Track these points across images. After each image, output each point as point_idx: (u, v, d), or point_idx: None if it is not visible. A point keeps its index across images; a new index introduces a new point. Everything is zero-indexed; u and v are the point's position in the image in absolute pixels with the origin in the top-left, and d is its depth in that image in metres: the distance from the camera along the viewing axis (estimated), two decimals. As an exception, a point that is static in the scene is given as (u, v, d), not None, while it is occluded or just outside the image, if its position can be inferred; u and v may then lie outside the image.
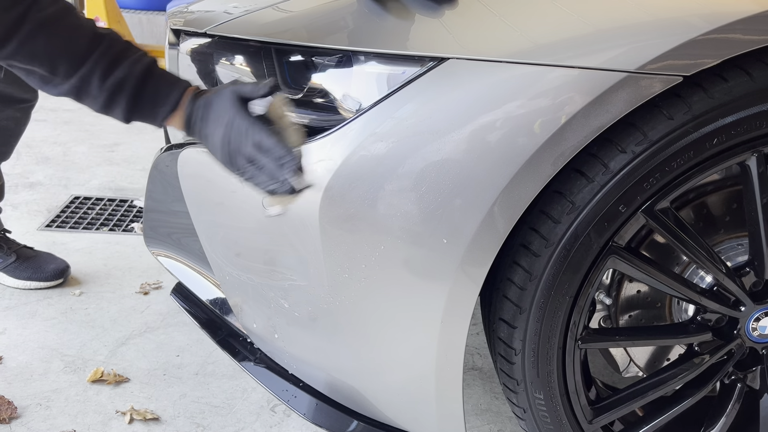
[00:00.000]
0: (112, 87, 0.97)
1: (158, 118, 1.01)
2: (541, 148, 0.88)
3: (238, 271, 1.16)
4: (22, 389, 1.60)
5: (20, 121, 1.93)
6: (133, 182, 2.81)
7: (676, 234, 1.03)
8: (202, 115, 0.98)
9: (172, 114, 1.00)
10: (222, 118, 0.96)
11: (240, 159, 0.96)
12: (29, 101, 1.90)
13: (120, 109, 0.99)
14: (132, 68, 0.98)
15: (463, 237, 0.93)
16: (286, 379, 1.23)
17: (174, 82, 1.00)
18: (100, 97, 0.97)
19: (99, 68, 0.96)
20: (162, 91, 0.99)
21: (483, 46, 0.91)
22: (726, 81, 0.92)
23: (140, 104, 0.99)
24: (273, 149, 0.93)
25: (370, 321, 1.04)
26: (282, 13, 1.08)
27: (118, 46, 0.98)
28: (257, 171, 0.95)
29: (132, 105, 0.98)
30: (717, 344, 1.14)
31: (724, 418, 1.21)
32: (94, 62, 0.96)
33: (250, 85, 0.97)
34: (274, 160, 0.93)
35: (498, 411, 1.60)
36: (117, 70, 0.97)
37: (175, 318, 1.89)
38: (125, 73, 0.97)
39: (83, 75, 0.96)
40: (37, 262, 2.01)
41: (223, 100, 0.97)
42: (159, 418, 1.54)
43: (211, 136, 0.98)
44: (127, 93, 0.97)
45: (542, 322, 1.02)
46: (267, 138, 0.93)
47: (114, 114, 1.00)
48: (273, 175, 0.94)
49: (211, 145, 0.99)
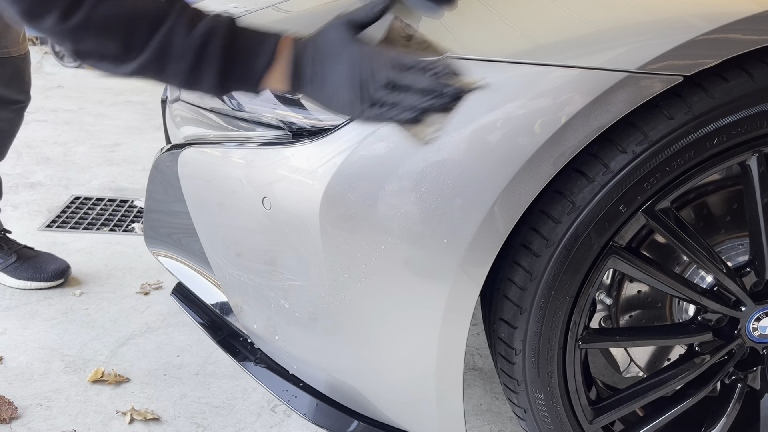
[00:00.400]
0: (200, 39, 0.84)
1: (255, 76, 0.88)
2: (542, 148, 0.88)
3: (239, 271, 1.16)
4: (22, 389, 1.61)
5: (14, 122, 1.93)
6: (133, 182, 2.81)
7: (677, 234, 1.03)
8: (313, 58, 0.86)
9: (272, 66, 0.87)
10: (340, 54, 0.84)
11: (378, 89, 0.83)
12: (22, 102, 1.91)
13: (212, 68, 0.86)
14: (217, 20, 0.86)
15: (463, 237, 0.93)
16: (286, 379, 1.23)
17: (266, 33, 0.88)
18: (188, 55, 0.84)
19: (180, 23, 0.84)
20: (255, 41, 0.87)
21: (483, 46, 0.91)
22: (726, 81, 0.92)
23: (233, 61, 0.86)
24: (418, 62, 0.82)
25: (370, 321, 1.04)
26: (282, 14, 1.08)
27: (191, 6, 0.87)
28: (404, 94, 0.82)
29: (223, 62, 0.86)
30: (717, 344, 1.14)
31: (725, 418, 1.20)
32: (174, 19, 0.84)
33: (361, 10, 0.85)
34: (424, 72, 0.81)
35: (498, 411, 1.60)
36: (199, 25, 0.85)
37: (176, 318, 1.89)
38: (211, 24, 0.85)
39: (165, 34, 0.84)
40: (38, 262, 2.01)
41: (334, 34, 0.85)
42: (159, 419, 1.54)
43: (332, 77, 0.85)
44: (217, 44, 0.85)
45: (543, 322, 1.02)
46: (403, 55, 0.82)
47: (203, 81, 0.87)
48: (427, 90, 0.81)
49: (332, 89, 0.86)
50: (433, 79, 0.81)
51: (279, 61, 0.87)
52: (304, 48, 0.86)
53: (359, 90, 0.84)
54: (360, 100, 0.84)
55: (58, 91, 4.09)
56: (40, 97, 3.83)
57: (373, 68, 0.83)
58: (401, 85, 0.82)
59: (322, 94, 0.87)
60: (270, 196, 1.02)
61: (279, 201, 1.02)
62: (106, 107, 3.82)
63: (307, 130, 1.02)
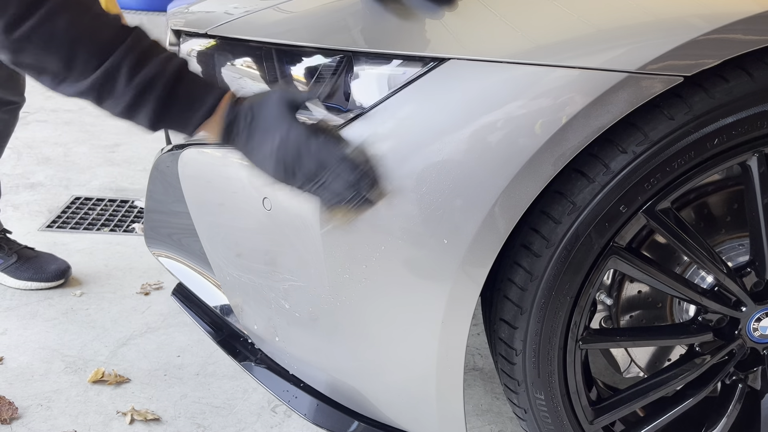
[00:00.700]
0: (141, 85, 0.85)
1: (191, 125, 0.90)
2: (542, 148, 0.88)
3: (239, 271, 1.16)
4: (22, 390, 1.61)
5: (9, 122, 1.94)
6: (134, 183, 2.81)
7: (677, 234, 1.03)
8: (247, 125, 0.88)
9: (207, 120, 0.89)
10: (272, 129, 0.87)
11: (300, 175, 0.87)
12: (16, 103, 1.92)
13: (147, 112, 0.87)
14: (164, 66, 0.86)
15: (463, 237, 0.93)
16: (286, 379, 1.23)
17: (210, 85, 0.90)
18: (126, 96, 0.85)
19: (126, 63, 0.84)
20: (197, 93, 0.88)
21: (484, 47, 0.91)
22: (727, 81, 0.92)
23: (171, 107, 0.88)
24: (342, 164, 0.86)
25: (370, 321, 1.04)
26: (283, 14, 1.08)
27: (146, 41, 0.88)
28: (320, 187, 0.87)
29: (162, 107, 0.87)
30: (718, 345, 1.14)
31: (725, 418, 1.20)
32: (120, 55, 0.84)
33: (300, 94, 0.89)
34: (344, 175, 0.86)
35: (499, 411, 1.60)
36: (146, 66, 0.85)
37: (176, 318, 1.89)
38: (156, 71, 0.85)
39: (107, 69, 0.84)
40: (38, 262, 2.01)
41: (270, 108, 0.88)
42: (160, 419, 1.54)
43: (259, 150, 0.88)
44: (157, 93, 0.86)
45: (543, 322, 1.02)
46: (333, 152, 0.85)
47: (138, 118, 0.88)
48: (342, 191, 0.87)
49: (259, 159, 0.89)
50: (350, 185, 0.86)
51: (217, 115, 0.89)
52: (239, 113, 0.89)
53: (284, 172, 0.88)
54: (284, 176, 0.89)
55: (58, 92, 4.08)
56: (40, 98, 3.83)
57: (301, 157, 0.86)
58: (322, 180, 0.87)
59: (251, 157, 0.91)
60: (270, 197, 1.02)
61: (279, 201, 1.02)
62: (106, 107, 3.81)
63: None
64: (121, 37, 0.85)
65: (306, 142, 0.86)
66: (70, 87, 0.86)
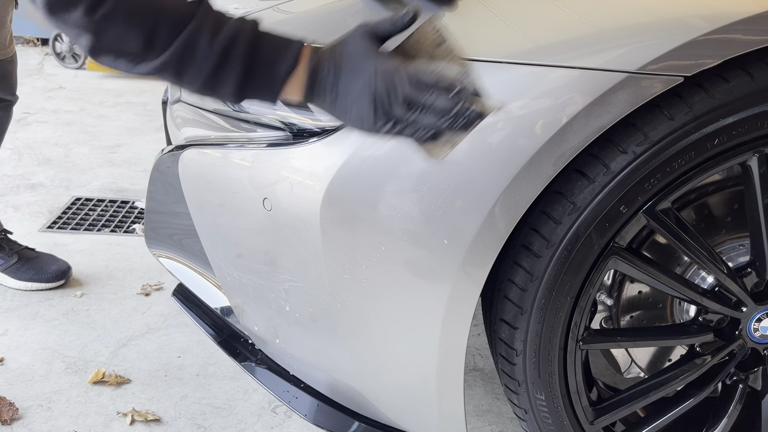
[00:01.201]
0: (224, 43, 0.82)
1: (278, 81, 0.85)
2: (542, 148, 0.88)
3: (239, 272, 1.16)
4: (23, 390, 1.61)
5: (3, 119, 1.94)
6: (134, 183, 2.81)
7: (678, 235, 1.03)
8: (331, 68, 0.83)
9: (292, 74, 0.84)
10: (359, 66, 0.82)
11: (396, 106, 0.80)
12: (9, 101, 1.92)
13: (233, 73, 0.83)
14: (242, 24, 0.84)
15: (464, 238, 0.93)
16: (287, 380, 1.23)
17: (287, 40, 0.86)
18: (210, 58, 0.82)
19: (206, 26, 0.82)
20: (278, 46, 0.84)
21: (484, 47, 0.91)
22: (727, 81, 0.92)
23: (257, 64, 0.83)
24: (438, 80, 0.79)
25: (371, 322, 1.04)
26: (283, 14, 1.08)
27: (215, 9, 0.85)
28: (421, 114, 0.80)
29: (248, 65, 0.83)
30: (718, 345, 1.14)
31: (726, 419, 1.20)
32: (199, 20, 0.82)
33: (385, 21, 0.83)
34: (443, 92, 0.79)
35: (499, 412, 1.60)
36: (225, 26, 0.83)
37: (177, 319, 1.89)
38: (236, 29, 0.83)
39: (188, 35, 0.81)
40: (39, 263, 2.01)
41: (356, 45, 0.83)
42: (160, 420, 1.54)
43: (348, 91, 0.83)
44: (240, 50, 0.82)
45: (543, 322, 1.02)
46: (426, 71, 0.80)
47: (224, 82, 0.84)
48: (445, 110, 0.79)
49: (349, 103, 0.83)
50: (453, 101, 0.79)
51: (299, 69, 0.84)
52: (323, 58, 0.84)
53: (375, 106, 0.81)
54: (375, 117, 0.82)
55: (59, 93, 4.09)
56: (41, 98, 3.84)
57: (392, 84, 0.80)
58: (419, 104, 0.80)
59: (337, 107, 0.85)
60: (271, 197, 1.02)
61: (280, 202, 1.02)
62: (107, 108, 3.82)
63: (308, 131, 1.02)
64: (194, 6, 0.83)
65: (397, 70, 0.81)
66: (148, 65, 0.83)
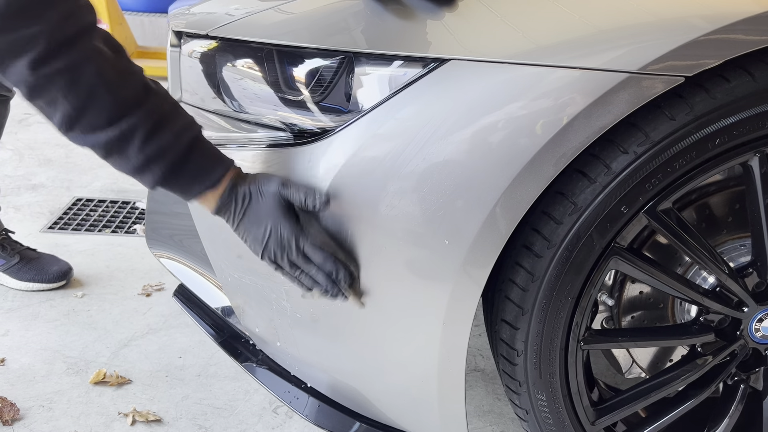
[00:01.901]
0: (153, 153, 0.86)
1: (191, 194, 0.93)
2: (543, 148, 0.88)
3: (240, 272, 1.16)
4: (24, 391, 1.61)
5: (1, 113, 1.94)
6: (135, 184, 2.78)
7: (679, 235, 1.03)
8: (241, 209, 0.93)
9: (208, 192, 0.93)
10: (265, 219, 0.92)
11: (285, 263, 0.94)
12: (5, 96, 1.92)
13: (152, 177, 0.89)
14: (179, 137, 0.88)
15: (464, 238, 0.92)
16: (288, 380, 1.23)
17: (217, 160, 0.93)
18: (135, 160, 0.86)
19: (141, 129, 0.84)
20: (204, 168, 0.91)
21: (484, 47, 0.91)
22: (728, 81, 0.92)
23: (177, 178, 0.90)
24: (324, 264, 0.92)
25: (371, 322, 1.04)
26: (284, 15, 1.08)
27: (167, 104, 0.89)
28: (302, 276, 0.95)
29: (168, 176, 0.89)
30: (720, 345, 1.14)
31: (727, 419, 1.20)
32: (137, 119, 0.84)
33: (299, 193, 0.92)
34: (325, 273, 0.93)
35: (500, 412, 1.60)
36: (163, 134, 0.86)
37: (178, 320, 1.89)
38: (170, 142, 0.87)
39: (122, 131, 0.84)
40: (40, 263, 2.02)
41: (267, 200, 0.92)
42: (161, 420, 1.54)
43: (250, 233, 0.94)
44: (166, 162, 0.87)
45: (544, 323, 1.02)
46: (314, 252, 0.92)
47: (141, 179, 0.90)
48: (319, 284, 0.94)
49: (249, 242, 0.95)
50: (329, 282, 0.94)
51: (218, 190, 0.93)
52: (237, 196, 0.93)
53: (270, 257, 0.94)
54: (263, 257, 0.95)
55: (60, 93, 4.09)
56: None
57: (287, 249, 0.93)
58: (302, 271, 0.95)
59: (238, 231, 0.96)
60: (271, 198, 1.02)
61: (280, 202, 1.02)
62: (107, 109, 3.82)
63: (309, 131, 1.02)
64: (140, 99, 0.85)
65: (294, 240, 0.93)
66: (79, 137, 0.85)
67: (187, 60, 1.18)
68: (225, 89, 1.11)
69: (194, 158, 0.90)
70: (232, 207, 0.94)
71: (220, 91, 1.12)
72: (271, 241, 0.93)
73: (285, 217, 0.93)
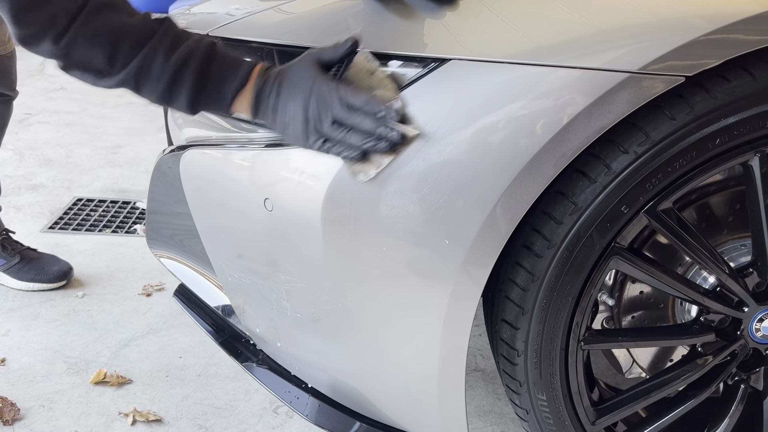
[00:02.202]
0: (178, 62, 0.91)
1: (227, 97, 0.94)
2: (543, 148, 0.88)
3: (240, 272, 1.16)
4: (25, 391, 1.61)
5: (3, 113, 1.95)
6: (135, 184, 2.81)
7: (679, 235, 1.03)
8: (275, 88, 0.92)
9: (241, 91, 0.94)
10: (299, 87, 0.91)
11: (326, 124, 0.89)
12: (8, 96, 1.93)
13: (185, 89, 0.92)
14: (197, 45, 0.93)
15: (465, 238, 0.92)
16: (288, 380, 1.23)
17: (241, 59, 0.95)
18: (164, 75, 0.91)
19: (162, 46, 0.91)
20: (229, 65, 0.94)
21: (485, 47, 0.91)
22: (728, 81, 0.92)
23: (207, 81, 0.93)
24: (366, 104, 0.88)
25: (372, 322, 1.04)
26: (284, 15, 1.08)
27: (176, 28, 0.94)
28: (348, 133, 0.89)
29: (199, 82, 0.92)
30: (720, 345, 1.14)
31: (728, 419, 1.20)
32: (156, 42, 0.91)
33: (329, 49, 0.92)
34: (369, 115, 0.88)
35: (501, 412, 1.60)
36: (181, 46, 0.92)
37: (178, 320, 1.89)
38: (190, 49, 0.92)
39: (146, 54, 0.91)
40: (41, 263, 2.02)
41: (299, 69, 0.92)
42: (162, 420, 1.54)
43: (286, 109, 0.91)
44: (193, 68, 0.91)
45: (545, 323, 1.02)
46: (356, 94, 0.88)
47: (178, 96, 0.93)
48: (369, 132, 0.88)
49: (287, 119, 0.92)
50: (377, 123, 0.88)
51: (247, 89, 0.94)
52: (269, 78, 0.93)
53: (307, 123, 0.90)
54: (307, 133, 0.91)
55: (60, 93, 4.09)
56: (42, 99, 3.84)
57: (324, 105, 0.89)
58: (347, 125, 0.89)
59: (277, 123, 0.93)
60: (272, 198, 1.02)
61: (281, 202, 1.02)
62: (108, 109, 3.82)
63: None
64: (154, 28, 0.92)
65: (330, 93, 0.89)
66: (111, 80, 0.93)
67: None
68: (225, 89, 1.11)
69: (217, 60, 0.94)
70: (266, 93, 0.93)
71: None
72: (311, 106, 0.89)
73: (321, 78, 0.91)
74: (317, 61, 0.92)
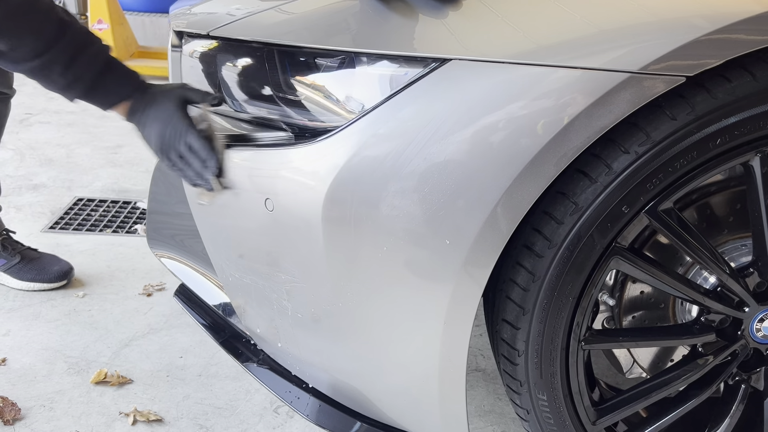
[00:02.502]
0: (73, 77, 1.07)
1: (107, 106, 1.14)
2: (544, 148, 0.88)
3: (241, 272, 1.16)
4: (25, 391, 1.61)
5: (2, 112, 1.95)
6: (136, 184, 2.81)
7: (680, 235, 1.03)
8: (144, 108, 1.11)
9: (120, 103, 1.13)
10: (162, 114, 1.09)
11: (172, 153, 1.09)
12: (6, 94, 1.93)
13: (74, 94, 1.10)
14: (92, 62, 1.09)
15: (465, 238, 0.92)
16: (289, 380, 1.23)
17: (127, 76, 1.13)
18: (59, 82, 1.08)
19: (62, 58, 1.05)
20: (116, 83, 1.12)
21: (485, 47, 0.91)
22: (729, 81, 0.92)
23: (95, 94, 1.11)
24: (199, 151, 1.07)
25: (372, 322, 1.04)
26: (285, 15, 1.08)
27: (80, 36, 1.08)
28: (185, 166, 1.09)
29: (87, 94, 1.10)
30: (721, 345, 1.14)
31: (728, 419, 1.20)
32: (58, 51, 1.05)
33: (197, 93, 1.10)
34: (200, 160, 1.07)
35: (501, 412, 1.60)
36: (79, 61, 1.07)
37: (179, 319, 1.89)
38: (85, 68, 1.08)
39: (46, 61, 1.05)
40: (41, 263, 2.02)
41: (167, 99, 1.10)
42: (162, 420, 1.54)
43: (148, 128, 1.11)
44: (85, 83, 1.09)
45: (545, 323, 1.02)
46: (196, 140, 1.07)
47: (66, 95, 1.11)
48: (197, 173, 1.08)
49: (147, 135, 1.12)
50: (203, 168, 1.07)
51: (130, 99, 1.13)
52: (143, 99, 1.12)
53: (161, 148, 1.10)
54: (160, 153, 1.11)
55: (61, 93, 4.09)
56: (43, 99, 3.84)
57: (175, 136, 1.09)
58: (185, 159, 1.09)
59: (144, 135, 1.13)
60: (272, 198, 1.02)
61: (281, 202, 1.02)
62: (108, 109, 3.82)
63: (309, 131, 1.02)
64: (60, 32, 1.05)
65: (182, 130, 1.08)
66: (11, 64, 1.06)
67: (188, 60, 1.18)
68: (226, 89, 1.11)
69: (107, 78, 1.11)
70: (138, 109, 1.12)
71: (221, 91, 1.12)
72: (167, 133, 1.08)
73: (180, 113, 1.09)
74: (183, 97, 1.10)
